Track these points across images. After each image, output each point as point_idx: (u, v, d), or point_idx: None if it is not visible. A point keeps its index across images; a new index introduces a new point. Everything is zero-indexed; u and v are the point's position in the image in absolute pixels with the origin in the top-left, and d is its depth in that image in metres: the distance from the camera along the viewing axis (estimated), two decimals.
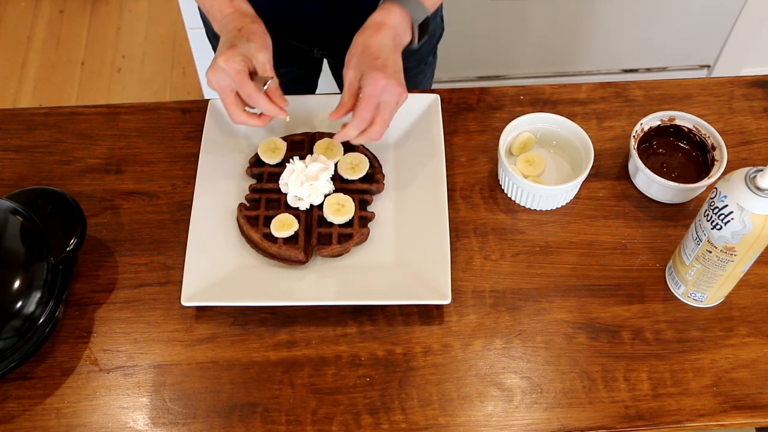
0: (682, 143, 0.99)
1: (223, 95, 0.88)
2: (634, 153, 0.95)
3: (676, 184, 0.93)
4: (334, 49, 1.20)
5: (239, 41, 0.87)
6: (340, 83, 1.34)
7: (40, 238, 0.85)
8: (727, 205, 0.76)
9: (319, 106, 1.03)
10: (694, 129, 0.98)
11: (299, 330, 0.88)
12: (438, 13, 1.21)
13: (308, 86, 1.32)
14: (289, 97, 1.04)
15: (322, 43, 1.18)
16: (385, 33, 0.89)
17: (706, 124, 0.97)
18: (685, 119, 0.98)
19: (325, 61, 1.30)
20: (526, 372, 0.85)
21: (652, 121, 0.98)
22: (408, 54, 1.21)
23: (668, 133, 0.99)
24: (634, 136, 0.96)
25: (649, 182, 0.95)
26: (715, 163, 0.95)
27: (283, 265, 0.90)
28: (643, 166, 0.94)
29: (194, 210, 0.92)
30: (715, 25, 1.93)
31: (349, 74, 0.89)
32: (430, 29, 1.20)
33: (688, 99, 1.06)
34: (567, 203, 0.97)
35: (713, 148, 0.96)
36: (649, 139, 0.99)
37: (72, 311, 0.89)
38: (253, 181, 0.97)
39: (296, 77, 1.26)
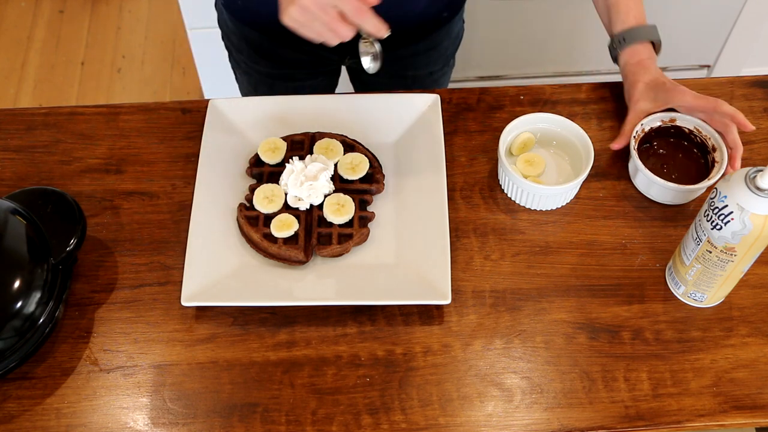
0: (682, 144, 0.99)
1: (326, 17, 0.80)
2: (634, 153, 0.95)
3: (676, 185, 0.93)
4: None
5: None
6: (358, 87, 1.34)
7: (40, 238, 0.85)
8: (727, 205, 0.77)
9: (319, 106, 1.03)
10: (695, 130, 0.97)
11: (299, 330, 0.88)
12: (461, 15, 1.22)
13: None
14: (292, 98, 1.05)
15: (354, 51, 1.18)
16: (652, 66, 1.00)
17: (706, 125, 0.97)
18: (686, 120, 0.98)
19: (343, 68, 1.30)
20: (526, 372, 0.85)
21: (653, 121, 0.98)
22: (436, 57, 1.22)
23: (669, 134, 0.99)
24: (634, 137, 0.96)
25: (649, 183, 0.95)
26: (716, 164, 0.95)
27: (283, 265, 0.90)
28: (643, 166, 0.94)
29: (194, 210, 0.92)
30: (715, 25, 1.93)
31: (643, 106, 0.97)
32: (455, 31, 1.21)
33: None
34: (567, 203, 0.97)
35: (714, 149, 0.96)
36: (649, 139, 0.99)
37: (72, 311, 0.89)
38: (253, 181, 0.97)
39: (318, 88, 1.26)
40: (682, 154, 0.99)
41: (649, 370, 0.85)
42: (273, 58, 1.19)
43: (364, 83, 1.30)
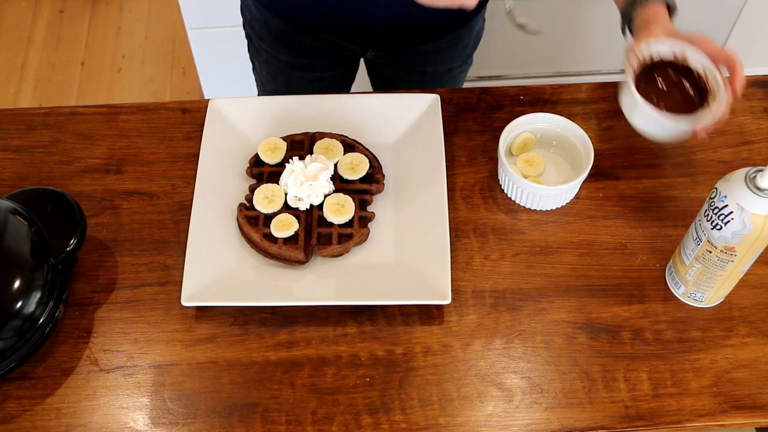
0: (684, 84, 0.93)
1: None
2: (629, 69, 0.90)
3: (659, 111, 0.88)
4: (387, 50, 1.20)
5: None
6: (376, 81, 1.33)
7: (40, 238, 0.85)
8: (727, 205, 0.77)
9: (319, 106, 1.03)
10: (702, 73, 0.92)
11: (299, 330, 0.88)
12: (482, 13, 1.22)
13: (345, 89, 1.32)
14: (292, 98, 1.05)
15: (378, 44, 1.18)
16: (666, 18, 0.96)
17: (716, 70, 0.91)
18: (697, 61, 0.92)
19: (362, 61, 1.29)
20: (526, 372, 0.85)
21: (664, 47, 0.92)
22: (456, 54, 1.23)
23: (675, 69, 0.93)
24: (639, 59, 0.91)
25: (633, 103, 0.90)
26: (706, 106, 0.89)
27: (283, 265, 0.90)
28: (632, 83, 0.89)
29: (194, 210, 0.92)
30: (715, 25, 1.93)
31: (656, 31, 0.92)
32: (476, 29, 1.22)
33: None
34: (567, 203, 0.97)
35: (712, 99, 0.90)
36: (654, 69, 0.93)
37: (72, 311, 0.89)
38: (253, 181, 0.97)
39: (336, 82, 1.26)
40: (680, 92, 0.93)
41: (649, 370, 0.85)
42: (294, 47, 1.19)
43: (382, 77, 1.30)
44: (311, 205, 0.93)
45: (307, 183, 0.92)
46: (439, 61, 1.23)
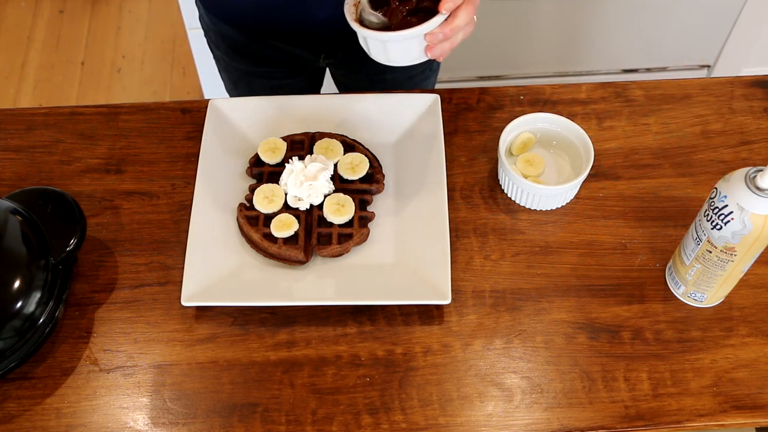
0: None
1: None
2: (348, 6, 0.82)
3: (375, 32, 0.81)
4: (340, 56, 1.20)
5: None
6: (340, 90, 1.33)
7: (40, 238, 0.85)
8: (727, 205, 0.77)
9: (319, 106, 1.03)
10: None
11: (299, 330, 0.88)
12: None
13: None
14: (292, 98, 1.05)
15: (328, 50, 1.18)
16: None
17: None
18: None
19: (327, 70, 1.29)
20: (526, 372, 0.85)
21: None
22: None
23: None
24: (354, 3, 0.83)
25: (361, 38, 0.85)
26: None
27: (283, 265, 0.90)
28: (349, 15, 0.83)
29: (194, 210, 0.92)
30: (715, 25, 1.94)
31: None
32: None
33: (688, 99, 1.06)
34: (567, 203, 0.97)
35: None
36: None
37: (72, 311, 0.89)
38: (253, 181, 0.97)
39: (299, 89, 1.26)
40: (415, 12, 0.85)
41: (649, 370, 0.85)
42: (249, 56, 1.19)
43: (344, 86, 1.30)
44: (311, 205, 0.93)
45: (307, 183, 0.92)
46: (395, 68, 1.22)
